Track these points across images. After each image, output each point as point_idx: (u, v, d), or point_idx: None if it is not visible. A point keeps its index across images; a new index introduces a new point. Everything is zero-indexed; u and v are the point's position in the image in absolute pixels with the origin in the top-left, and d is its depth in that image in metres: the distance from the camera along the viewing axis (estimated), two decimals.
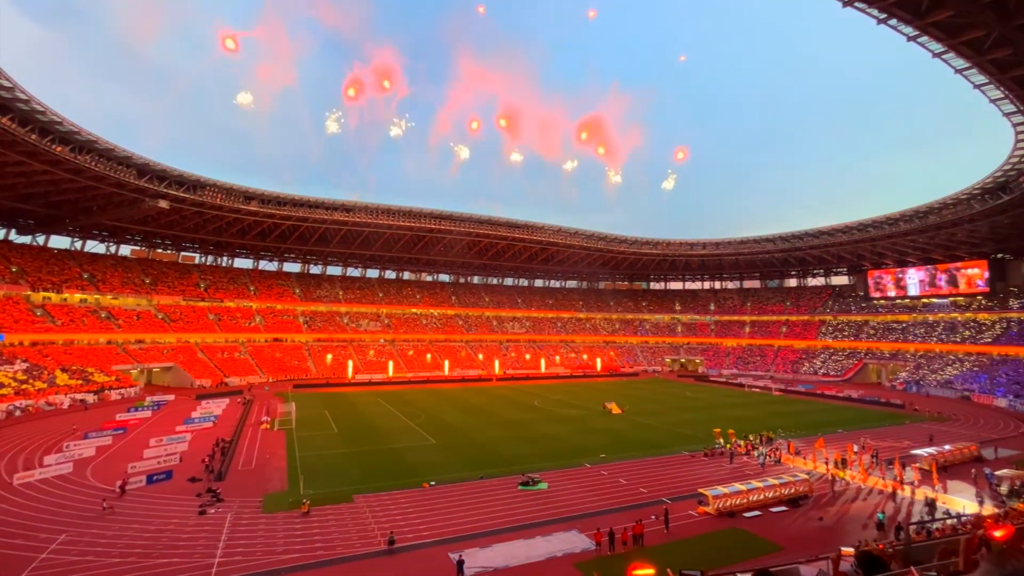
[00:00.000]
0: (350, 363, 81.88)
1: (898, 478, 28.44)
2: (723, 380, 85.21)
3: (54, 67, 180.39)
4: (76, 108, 57.02)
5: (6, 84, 44.51)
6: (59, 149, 52.51)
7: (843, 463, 31.45)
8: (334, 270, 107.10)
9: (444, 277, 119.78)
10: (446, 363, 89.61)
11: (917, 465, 30.80)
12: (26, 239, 74.69)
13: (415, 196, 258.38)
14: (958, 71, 37.91)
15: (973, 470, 29.98)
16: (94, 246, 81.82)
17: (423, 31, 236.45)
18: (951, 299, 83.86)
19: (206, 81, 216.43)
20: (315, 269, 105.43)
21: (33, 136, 49.55)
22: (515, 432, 43.24)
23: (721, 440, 38.15)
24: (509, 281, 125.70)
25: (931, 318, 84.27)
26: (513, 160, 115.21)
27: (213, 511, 24.30)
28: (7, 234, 72.92)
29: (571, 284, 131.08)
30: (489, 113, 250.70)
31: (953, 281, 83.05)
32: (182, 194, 66.98)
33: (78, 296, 71.39)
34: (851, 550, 17.05)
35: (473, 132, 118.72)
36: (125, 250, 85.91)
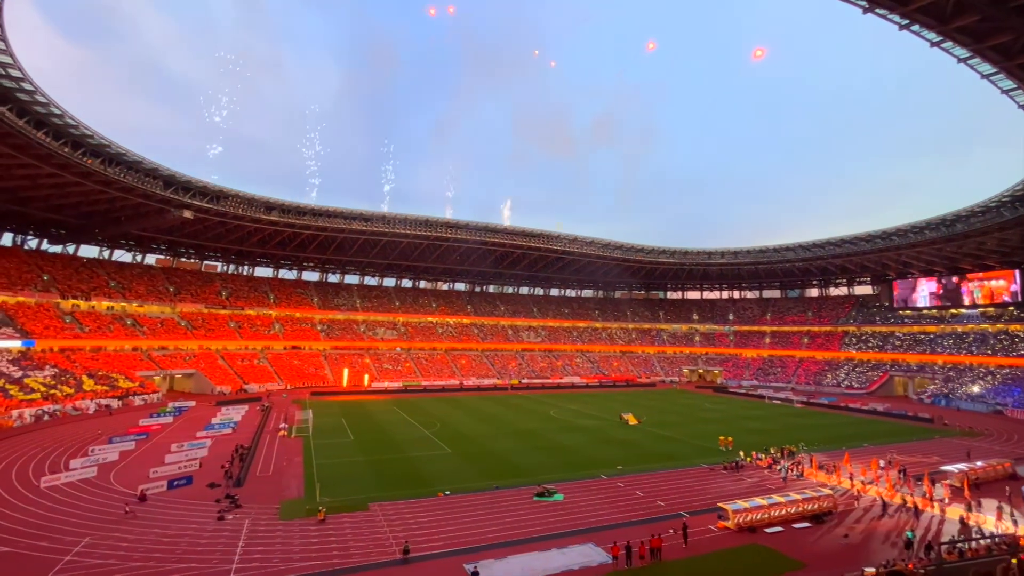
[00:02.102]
0: (366, 376, 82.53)
1: (927, 495, 27.47)
2: (743, 392, 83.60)
3: (85, 81, 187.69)
4: (105, 121, 58.87)
5: (42, 100, 46.34)
6: (90, 162, 54.32)
7: (832, 469, 32.51)
8: (352, 279, 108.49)
9: (460, 286, 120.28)
10: (461, 372, 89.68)
11: (947, 482, 29.74)
12: (57, 248, 77.32)
13: (432, 205, 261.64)
14: (984, 76, 37.04)
15: (1007, 488, 28.81)
16: (121, 255, 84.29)
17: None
18: (981, 310, 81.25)
19: (230, 93, 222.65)
20: (333, 278, 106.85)
21: (66, 149, 51.39)
22: (531, 442, 42.96)
23: (741, 453, 37.39)
24: (524, 290, 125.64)
25: (960, 329, 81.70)
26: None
27: (231, 517, 24.55)
28: (39, 244, 75.56)
29: (587, 293, 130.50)
30: (498, 121, 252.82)
31: (983, 291, 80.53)
32: (206, 204, 68.68)
33: (105, 304, 73.43)
34: (872, 570, 16.47)
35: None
36: (151, 259, 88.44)
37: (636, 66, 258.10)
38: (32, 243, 74.96)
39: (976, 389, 67.80)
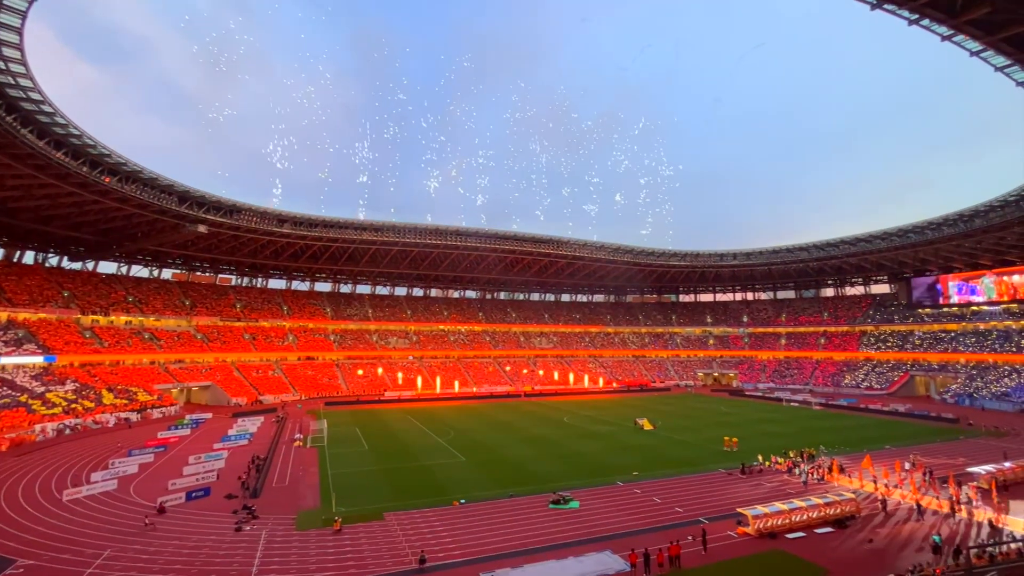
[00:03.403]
0: (384, 385, 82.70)
1: (954, 498, 26.77)
2: (759, 394, 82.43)
3: (102, 101, 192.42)
4: (120, 139, 60.30)
5: (61, 121, 47.55)
6: (108, 180, 55.51)
7: (841, 470, 33.14)
8: (363, 288, 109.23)
9: (471, 293, 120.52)
10: (473, 380, 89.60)
11: (975, 484, 28.96)
12: (77, 265, 79.01)
13: (439, 212, 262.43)
14: (998, 69, 36.35)
15: None
16: (138, 270, 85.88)
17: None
18: (1003, 306, 79.38)
19: (241, 109, 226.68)
20: (345, 288, 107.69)
21: (84, 168, 52.54)
22: (545, 449, 42.70)
23: (760, 457, 36.80)
24: (536, 296, 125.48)
25: (982, 327, 79.88)
26: None
27: (249, 528, 24.70)
28: (60, 261, 77.31)
29: (598, 298, 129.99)
30: (503, 124, 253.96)
31: (1004, 287, 78.76)
32: (219, 219, 69.71)
33: (124, 318, 74.73)
34: None
35: None
36: (167, 274, 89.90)
37: (641, 65, 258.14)
38: (53, 260, 76.74)
39: (1001, 388, 66.11)
